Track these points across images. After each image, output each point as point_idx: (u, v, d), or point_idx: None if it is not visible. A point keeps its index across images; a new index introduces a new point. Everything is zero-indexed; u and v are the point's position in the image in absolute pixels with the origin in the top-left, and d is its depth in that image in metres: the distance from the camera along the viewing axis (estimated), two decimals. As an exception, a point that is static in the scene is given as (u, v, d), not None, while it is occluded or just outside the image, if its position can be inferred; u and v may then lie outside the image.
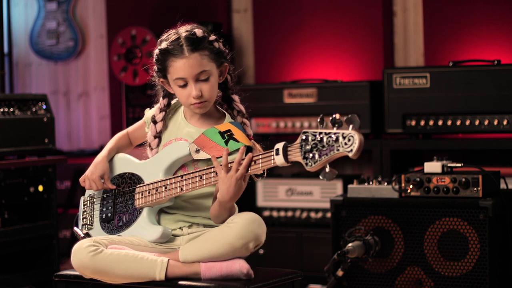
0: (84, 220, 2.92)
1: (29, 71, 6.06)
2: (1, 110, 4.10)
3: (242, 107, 2.86)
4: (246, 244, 2.58)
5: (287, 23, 5.09)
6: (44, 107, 4.29)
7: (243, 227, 2.58)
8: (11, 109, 4.14)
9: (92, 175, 2.87)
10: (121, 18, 5.57)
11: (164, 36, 2.77)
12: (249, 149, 2.69)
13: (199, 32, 2.73)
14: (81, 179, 2.90)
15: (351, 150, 2.30)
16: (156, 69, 2.80)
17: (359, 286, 3.73)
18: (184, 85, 2.73)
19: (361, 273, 3.73)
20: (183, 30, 2.74)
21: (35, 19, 5.92)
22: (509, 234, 3.64)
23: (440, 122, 4.19)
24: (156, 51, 2.77)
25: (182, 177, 2.69)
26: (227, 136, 2.69)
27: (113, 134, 5.41)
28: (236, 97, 2.87)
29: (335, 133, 2.33)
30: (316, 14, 5.01)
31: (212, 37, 2.76)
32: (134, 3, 5.58)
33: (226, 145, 2.66)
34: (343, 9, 4.94)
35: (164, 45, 2.74)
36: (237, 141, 2.67)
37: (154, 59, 2.79)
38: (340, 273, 3.60)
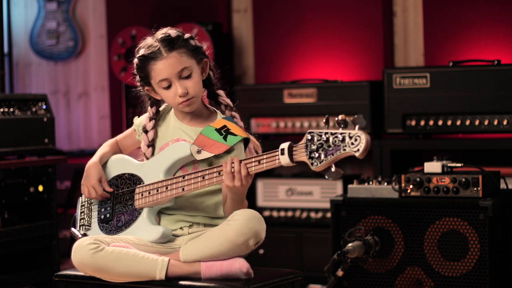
0: (82, 221, 2.92)
1: (29, 71, 6.06)
2: (1, 110, 4.10)
3: (229, 101, 2.89)
4: (247, 241, 2.59)
5: (287, 23, 5.09)
6: (44, 107, 4.29)
7: (243, 224, 2.59)
8: (11, 109, 4.14)
9: (89, 181, 2.86)
10: (121, 18, 5.57)
11: (140, 44, 2.83)
12: (246, 141, 2.72)
13: (173, 32, 2.79)
14: (82, 190, 2.90)
15: (358, 150, 2.32)
16: (139, 78, 2.83)
17: (359, 286, 3.73)
18: (169, 86, 2.76)
19: (361, 273, 3.73)
20: (158, 34, 2.80)
21: (35, 19, 5.92)
22: (509, 234, 3.64)
23: (440, 122, 4.19)
24: (135, 60, 2.82)
25: (183, 177, 2.70)
26: (224, 132, 2.71)
27: (113, 134, 5.41)
28: (221, 92, 2.90)
29: (341, 133, 2.35)
30: (316, 14, 5.01)
31: (187, 35, 2.81)
32: (134, 3, 5.58)
33: (225, 140, 2.69)
34: (343, 9, 4.94)
35: (142, 52, 2.80)
36: (235, 135, 2.69)
37: (135, 69, 2.83)
38: (340, 273, 3.60)
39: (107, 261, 2.62)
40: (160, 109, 2.92)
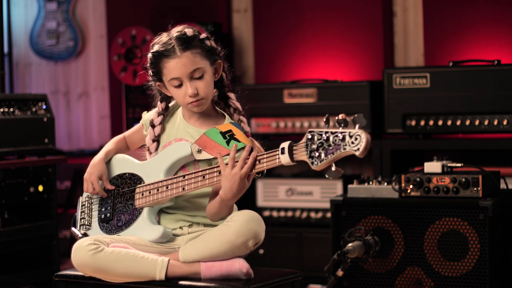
0: (82, 220, 2.92)
1: (29, 71, 6.06)
2: (1, 110, 4.10)
3: (238, 105, 2.87)
4: (246, 242, 2.59)
5: (287, 23, 5.09)
6: (44, 107, 4.29)
7: (242, 225, 2.58)
8: (11, 109, 4.14)
9: (90, 176, 2.87)
10: (121, 18, 5.57)
11: (156, 40, 2.80)
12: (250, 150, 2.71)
13: (189, 31, 2.76)
14: (83, 182, 2.91)
15: (358, 149, 2.32)
16: (151, 73, 2.82)
17: (359, 286, 3.73)
18: (180, 85, 2.75)
19: (361, 273, 3.73)
20: (174, 32, 2.78)
21: (35, 19, 5.92)
22: (509, 234, 3.64)
23: (440, 122, 4.19)
24: (149, 55, 2.80)
25: (184, 177, 2.70)
26: (228, 136, 2.70)
27: (113, 134, 5.41)
28: (232, 95, 2.89)
29: (341, 132, 2.35)
30: (316, 14, 5.01)
31: (203, 36, 2.79)
32: (134, 3, 5.58)
33: (228, 145, 2.67)
34: (343, 9, 4.94)
35: (156, 48, 2.77)
36: (239, 141, 2.68)
37: (148, 63, 2.81)
38: (340, 273, 3.60)
39: (107, 261, 2.62)
40: (170, 105, 2.92)
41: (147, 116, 2.94)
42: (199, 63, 2.74)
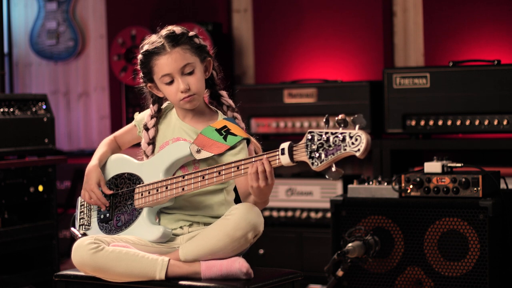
0: (82, 220, 2.92)
1: (29, 71, 6.06)
2: (1, 110, 4.10)
3: (231, 102, 2.89)
4: (245, 234, 2.59)
5: (287, 23, 5.09)
6: (44, 107, 4.29)
7: (241, 217, 2.59)
8: (11, 109, 4.14)
9: (88, 185, 2.87)
10: (121, 18, 5.57)
11: (145, 41, 2.83)
12: (247, 141, 2.72)
13: (177, 29, 2.80)
14: (82, 195, 2.91)
15: (359, 150, 2.32)
16: (142, 75, 2.84)
17: (359, 286, 3.73)
18: (171, 82, 2.76)
19: (361, 273, 3.73)
20: (162, 31, 2.81)
21: (35, 19, 5.92)
22: (509, 234, 3.64)
23: (440, 122, 4.19)
24: (140, 56, 2.82)
25: (183, 177, 2.70)
26: (224, 132, 2.71)
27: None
28: (224, 93, 2.90)
29: (341, 133, 2.35)
30: (316, 14, 5.01)
31: (192, 33, 2.81)
32: (134, 3, 5.58)
33: (225, 141, 2.69)
34: (343, 9, 4.94)
35: (146, 47, 2.80)
36: (235, 135, 2.69)
37: (139, 64, 2.83)
38: (340, 273, 3.60)
39: (107, 260, 2.62)
40: (162, 107, 2.92)
41: (139, 117, 2.95)
42: (190, 58, 2.76)
